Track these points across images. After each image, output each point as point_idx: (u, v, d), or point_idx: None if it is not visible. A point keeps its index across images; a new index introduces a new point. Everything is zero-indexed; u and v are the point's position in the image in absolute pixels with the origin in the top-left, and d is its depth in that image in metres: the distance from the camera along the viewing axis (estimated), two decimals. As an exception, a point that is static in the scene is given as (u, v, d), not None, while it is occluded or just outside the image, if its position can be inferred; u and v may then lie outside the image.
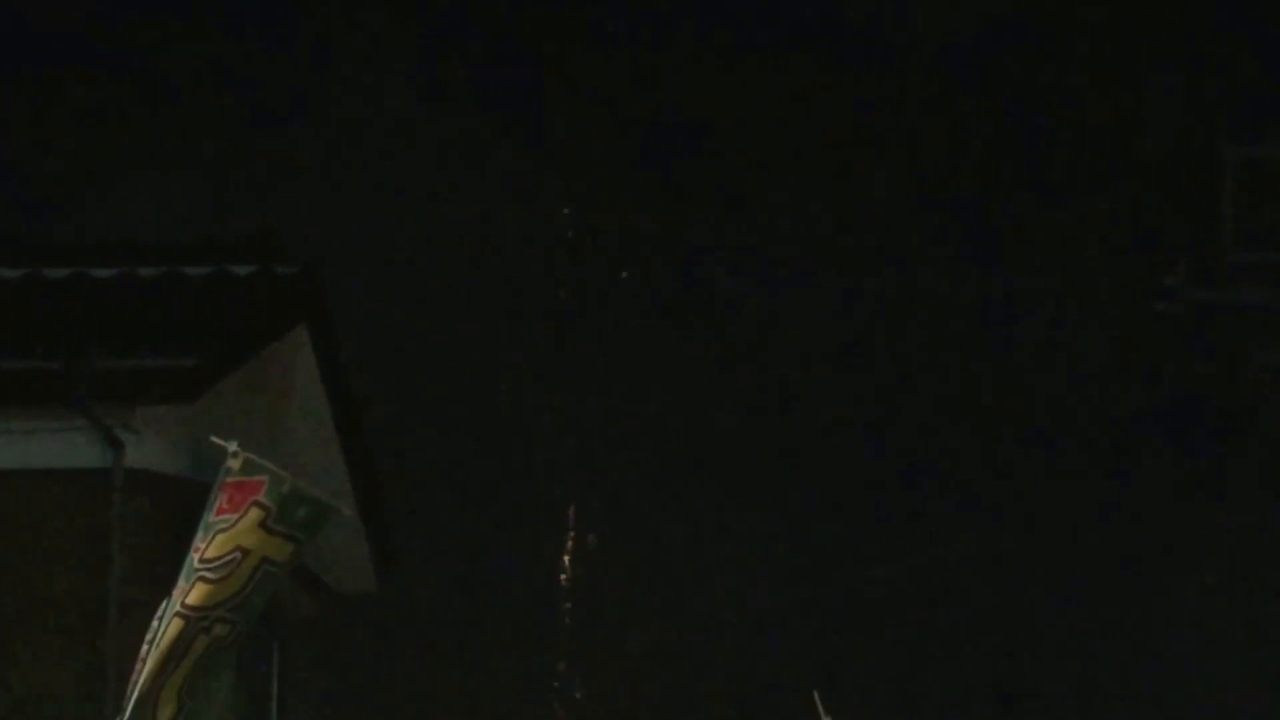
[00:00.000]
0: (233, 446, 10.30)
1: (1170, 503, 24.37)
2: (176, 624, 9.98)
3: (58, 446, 11.52)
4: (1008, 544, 26.58)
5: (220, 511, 10.22)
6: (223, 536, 10.08)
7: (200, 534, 10.20)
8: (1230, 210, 15.89)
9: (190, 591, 10.01)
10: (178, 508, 11.08)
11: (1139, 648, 26.98)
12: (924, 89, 32.53)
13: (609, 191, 30.79)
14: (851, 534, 28.84)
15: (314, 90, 30.40)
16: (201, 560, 10.07)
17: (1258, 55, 27.43)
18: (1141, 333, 23.23)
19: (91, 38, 31.20)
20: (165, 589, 10.26)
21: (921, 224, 31.67)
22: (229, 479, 10.28)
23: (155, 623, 10.09)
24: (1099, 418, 28.81)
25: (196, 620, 9.96)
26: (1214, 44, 28.70)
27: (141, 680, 9.90)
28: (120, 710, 9.60)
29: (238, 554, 10.04)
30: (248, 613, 10.17)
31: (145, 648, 10.06)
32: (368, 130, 30.12)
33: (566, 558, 28.25)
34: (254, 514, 10.12)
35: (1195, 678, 25.59)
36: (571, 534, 28.55)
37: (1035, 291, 30.07)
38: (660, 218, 31.28)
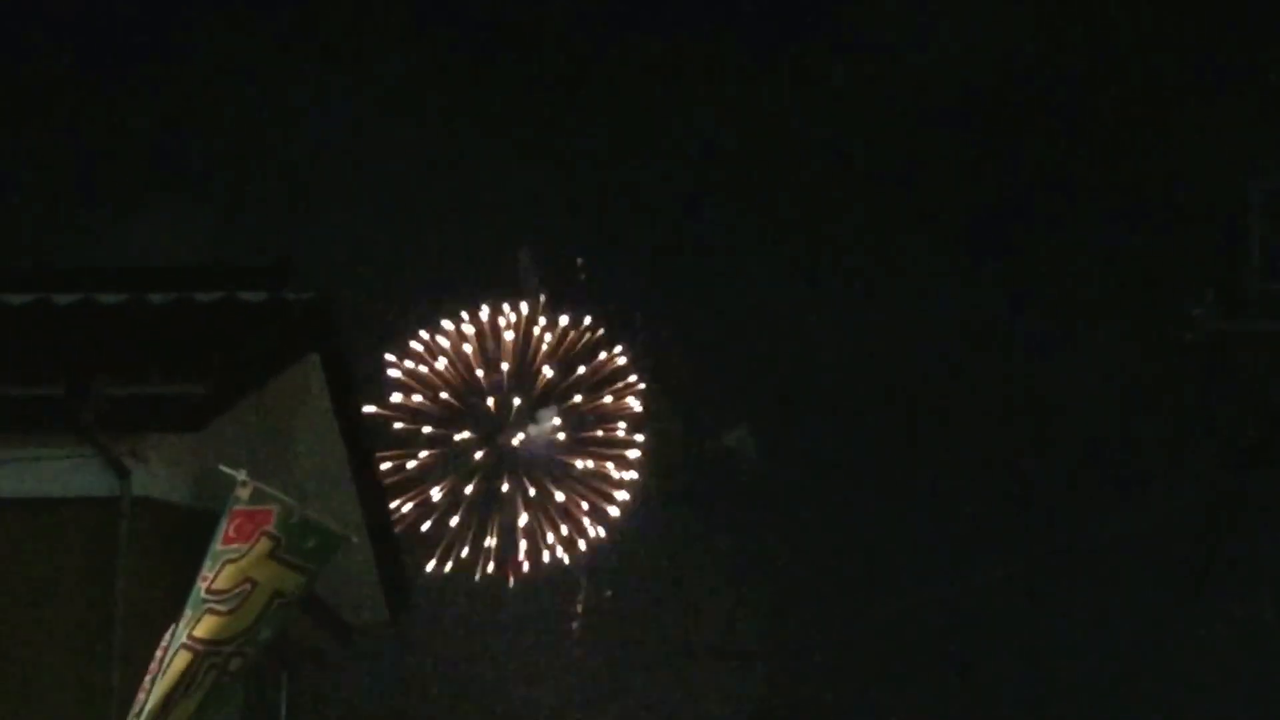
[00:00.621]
0: (242, 475, 10.20)
1: (1196, 529, 24.23)
2: (184, 656, 9.86)
3: (65, 474, 11.40)
4: (1033, 567, 26.47)
5: (228, 540, 10.10)
6: (232, 568, 9.97)
7: (208, 563, 10.09)
8: (1256, 243, 15.90)
9: (199, 623, 9.89)
10: (185, 536, 10.94)
11: (1159, 672, 26.85)
12: (960, 128, 32.61)
13: (623, 225, 30.80)
14: (871, 564, 28.74)
15: (329, 119, 30.43)
16: (209, 591, 9.96)
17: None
18: (1169, 362, 23.23)
19: (102, 66, 31.25)
20: (171, 617, 10.14)
21: (957, 258, 31.73)
22: (237, 507, 10.19)
23: (160, 652, 9.99)
24: (1129, 443, 28.74)
25: (206, 654, 9.84)
26: (1240, 80, 28.70)
27: (146, 710, 9.80)
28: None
29: (247, 586, 9.92)
30: (255, 642, 10.06)
31: (149, 678, 9.96)
32: (381, 159, 30.14)
33: (579, 591, 28.09)
34: (263, 544, 10.01)
35: (1214, 705, 25.51)
36: (584, 568, 28.41)
37: (1067, 322, 30.08)
38: (673, 255, 31.30)
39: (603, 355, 32.06)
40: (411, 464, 31.04)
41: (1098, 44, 31.23)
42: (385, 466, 29.05)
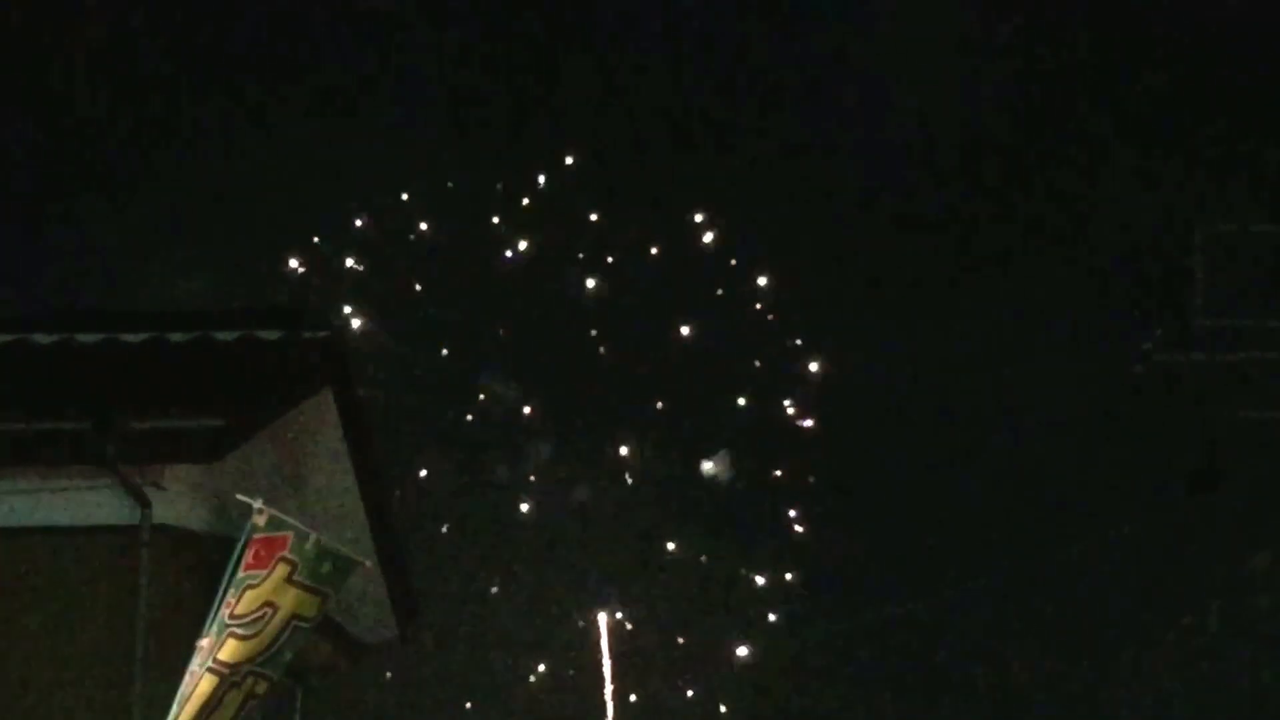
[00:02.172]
0: (258, 504, 10.00)
1: (1146, 549, 24.09)
2: (210, 679, 9.66)
3: (88, 504, 11.14)
4: (994, 594, 26.24)
5: (247, 567, 9.92)
6: (252, 593, 9.80)
7: (230, 590, 9.85)
8: (1200, 280, 15.84)
9: (222, 647, 9.68)
10: (204, 563, 10.74)
11: (1114, 693, 26.65)
12: (916, 169, 32.42)
13: (629, 266, 30.42)
14: (853, 578, 28.47)
15: (338, 160, 30.13)
16: (232, 616, 9.77)
17: (1222, 141, 27.45)
18: (1121, 394, 23.11)
19: (123, 116, 30.98)
20: (192, 642, 9.92)
21: (917, 292, 31.50)
22: (255, 535, 9.95)
23: (187, 677, 9.71)
24: (1081, 471, 28.57)
25: (229, 676, 9.62)
26: (1184, 133, 28.68)
27: (174, 731, 9.52)
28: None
29: (268, 610, 9.74)
30: (277, 665, 9.82)
31: (176, 708, 9.65)
32: (392, 195, 29.79)
33: (583, 607, 27.68)
34: (281, 569, 9.85)
35: (1167, 705, 25.34)
36: (588, 582, 27.99)
37: (1026, 358, 29.91)
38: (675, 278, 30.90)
39: None
40: None
41: (1054, 91, 31.14)
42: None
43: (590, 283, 27.95)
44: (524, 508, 27.59)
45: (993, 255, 30.46)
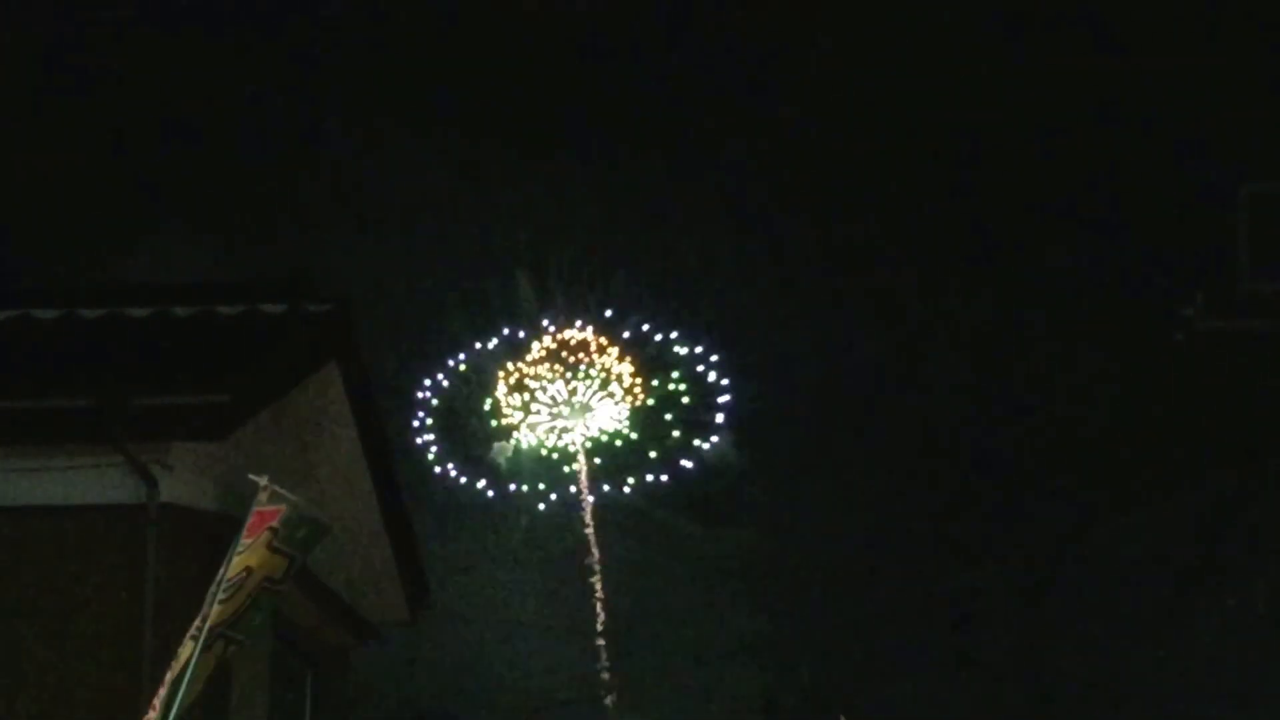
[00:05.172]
0: (263, 481, 10.33)
1: (1189, 525, 24.30)
2: (188, 646, 9.99)
3: (94, 482, 11.47)
4: (1028, 569, 26.53)
5: (243, 538, 10.25)
6: (238, 559, 10.13)
7: (227, 562, 10.21)
8: (1245, 243, 15.94)
9: (210, 616, 10.02)
10: (210, 541, 11.03)
11: (1151, 673, 26.90)
12: (958, 132, 32.60)
13: (626, 243, 30.77)
14: (874, 560, 28.81)
15: (344, 143, 30.53)
16: (221, 583, 10.10)
17: (1269, 96, 27.54)
18: (1161, 361, 23.32)
19: (127, 91, 31.38)
20: (197, 618, 10.25)
21: (948, 262, 31.73)
22: (255, 509, 10.32)
23: (182, 649, 10.10)
24: (1123, 441, 28.77)
25: (203, 640, 9.97)
26: (1230, 87, 28.79)
27: (162, 704, 9.91)
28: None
29: (244, 573, 10.08)
30: (245, 628, 10.15)
31: (170, 674, 10.06)
32: (394, 176, 30.20)
33: (596, 588, 28.11)
34: (265, 535, 10.17)
35: (1206, 702, 25.55)
36: (599, 564, 28.41)
37: (1063, 322, 30.12)
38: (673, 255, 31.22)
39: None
40: None
41: (1089, 45, 31.28)
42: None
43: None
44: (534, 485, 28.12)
45: (1031, 217, 30.68)
